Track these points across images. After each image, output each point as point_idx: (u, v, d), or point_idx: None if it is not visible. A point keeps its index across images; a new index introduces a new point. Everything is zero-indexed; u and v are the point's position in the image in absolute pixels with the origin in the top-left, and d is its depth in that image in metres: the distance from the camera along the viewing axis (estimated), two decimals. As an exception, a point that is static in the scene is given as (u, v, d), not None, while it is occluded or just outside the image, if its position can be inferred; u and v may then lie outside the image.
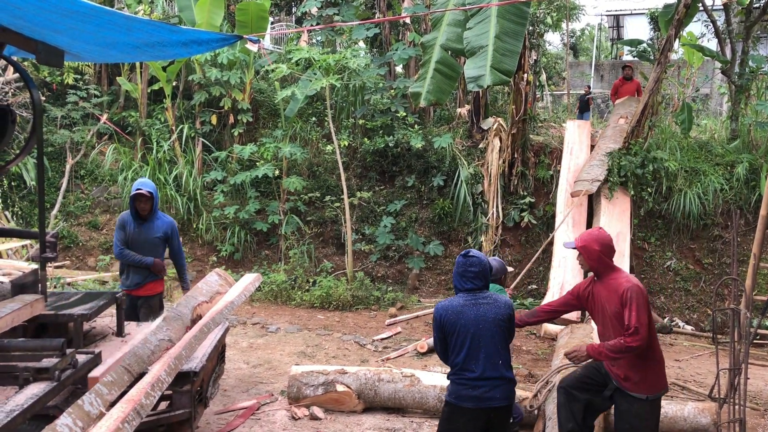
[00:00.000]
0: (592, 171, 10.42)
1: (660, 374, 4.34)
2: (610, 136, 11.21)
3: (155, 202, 6.05)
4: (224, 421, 5.77)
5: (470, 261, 4.02)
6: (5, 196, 11.82)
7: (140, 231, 6.03)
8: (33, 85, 4.78)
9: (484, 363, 3.91)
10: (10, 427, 3.04)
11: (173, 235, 6.20)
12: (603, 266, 4.33)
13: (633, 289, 4.09)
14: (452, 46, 8.21)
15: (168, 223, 6.18)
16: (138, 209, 6.00)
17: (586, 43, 32.17)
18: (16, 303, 4.32)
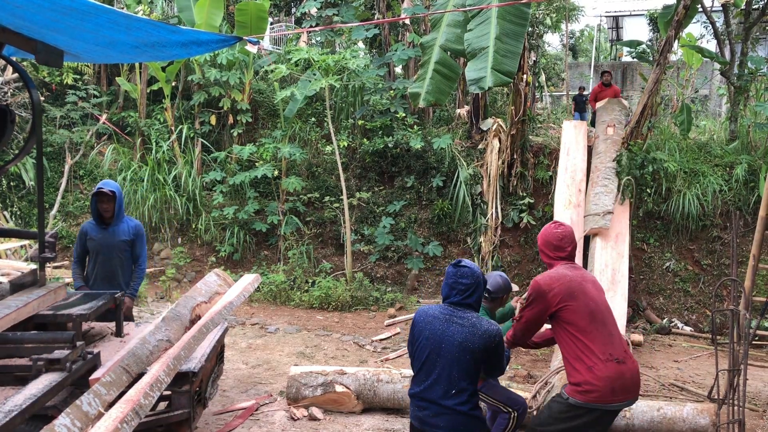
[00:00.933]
0: (599, 201, 9.52)
1: (582, 379, 3.69)
2: (604, 151, 10.45)
3: (119, 203, 5.64)
4: (223, 422, 5.77)
5: (461, 272, 3.61)
6: (4, 196, 11.81)
7: (105, 236, 5.65)
8: (32, 85, 4.78)
9: (434, 385, 3.50)
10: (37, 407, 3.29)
11: (137, 239, 5.78)
12: (545, 263, 4.05)
13: (531, 284, 3.87)
14: (452, 46, 8.22)
15: (134, 226, 5.79)
16: (100, 210, 5.63)
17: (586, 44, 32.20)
18: (42, 290, 4.63)
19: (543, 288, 3.76)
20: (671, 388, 7.13)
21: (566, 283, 3.75)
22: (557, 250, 3.90)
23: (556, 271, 3.84)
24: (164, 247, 11.71)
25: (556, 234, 3.94)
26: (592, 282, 3.90)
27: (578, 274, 3.85)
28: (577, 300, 3.72)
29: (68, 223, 11.95)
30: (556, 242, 3.91)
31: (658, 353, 8.49)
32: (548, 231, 3.96)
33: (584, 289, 3.77)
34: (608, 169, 10.02)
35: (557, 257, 3.91)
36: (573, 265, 3.91)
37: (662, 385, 7.18)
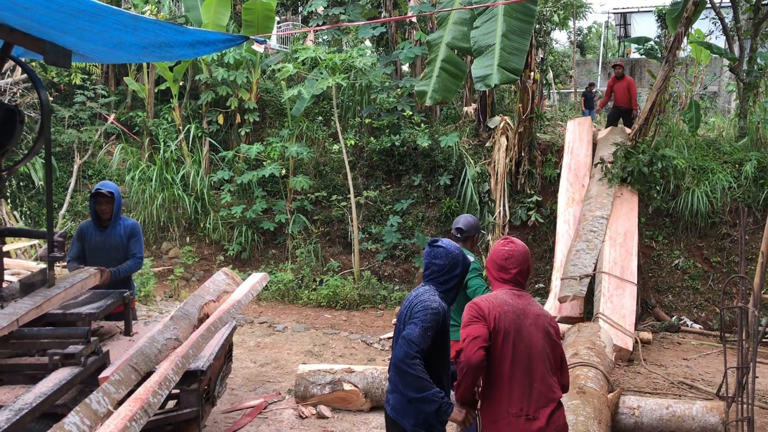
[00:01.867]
0: (579, 260, 8.64)
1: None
2: (596, 196, 9.69)
3: (117, 205, 5.51)
4: (232, 420, 5.79)
5: (435, 252, 3.50)
6: (14, 196, 11.88)
7: (103, 239, 5.53)
8: (41, 85, 4.81)
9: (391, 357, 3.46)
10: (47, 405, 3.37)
11: (134, 237, 5.61)
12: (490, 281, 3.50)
13: (468, 307, 3.32)
14: (458, 44, 8.21)
15: (129, 226, 5.64)
16: (98, 211, 5.51)
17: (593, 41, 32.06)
18: (84, 273, 4.95)
19: (483, 309, 3.21)
20: (680, 386, 7.11)
21: (503, 315, 3.21)
22: (501, 271, 3.35)
23: (496, 296, 3.30)
24: (172, 247, 11.75)
25: (502, 252, 3.37)
26: (534, 318, 3.29)
27: (520, 306, 3.28)
28: (506, 339, 3.18)
29: (77, 222, 11.99)
30: (501, 261, 3.35)
31: (667, 351, 8.46)
32: (496, 248, 3.42)
33: (519, 327, 3.21)
34: (596, 219, 9.24)
35: (500, 279, 3.36)
36: (518, 293, 3.34)
37: (671, 383, 7.16)
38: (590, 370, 5.76)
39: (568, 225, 9.84)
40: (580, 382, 5.50)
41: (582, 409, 5.06)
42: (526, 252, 3.38)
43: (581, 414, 4.98)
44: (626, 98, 12.82)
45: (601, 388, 5.53)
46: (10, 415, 3.13)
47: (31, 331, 4.00)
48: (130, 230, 5.58)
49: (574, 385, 5.48)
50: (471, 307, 3.26)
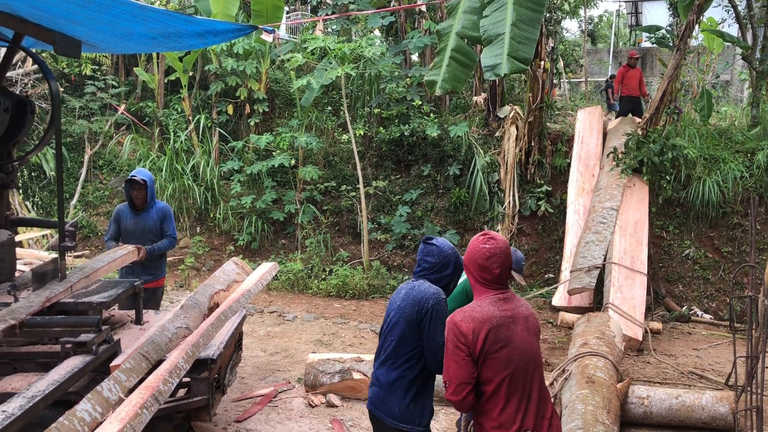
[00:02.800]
0: (588, 252, 8.60)
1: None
2: (605, 187, 9.59)
3: (150, 191, 5.97)
4: (242, 409, 5.83)
5: (428, 249, 3.44)
6: (25, 186, 11.97)
7: (137, 221, 5.97)
8: (51, 76, 4.83)
9: (377, 354, 3.45)
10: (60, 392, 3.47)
11: (166, 220, 6.10)
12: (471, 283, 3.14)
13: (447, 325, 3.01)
14: (468, 33, 8.15)
15: (161, 208, 6.10)
16: (132, 197, 5.96)
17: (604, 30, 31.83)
18: (123, 249, 5.31)
19: (464, 331, 2.89)
20: (690, 376, 7.09)
21: (493, 329, 2.90)
22: (483, 271, 3.00)
23: (479, 308, 2.96)
24: (183, 236, 11.81)
25: (482, 251, 3.00)
26: (525, 320, 3.02)
27: (508, 312, 2.98)
28: (500, 355, 2.90)
29: (88, 212, 12.08)
30: (482, 261, 2.99)
31: (677, 341, 8.44)
32: (474, 245, 3.05)
33: (512, 336, 2.93)
34: (606, 210, 9.17)
35: (483, 280, 3.01)
36: (503, 296, 3.02)
37: (681, 373, 7.14)
38: (599, 359, 5.76)
39: (578, 215, 9.81)
40: (589, 372, 5.50)
41: (591, 398, 5.06)
42: (507, 247, 3.06)
43: (590, 403, 4.99)
44: (638, 87, 12.73)
45: (611, 378, 5.53)
46: (23, 402, 3.17)
47: (44, 319, 4.05)
48: (163, 213, 6.06)
49: (583, 374, 5.48)
50: (451, 328, 2.93)
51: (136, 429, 3.19)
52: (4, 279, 4.62)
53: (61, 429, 2.95)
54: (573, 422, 4.81)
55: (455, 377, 2.90)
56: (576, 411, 4.95)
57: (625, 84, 12.82)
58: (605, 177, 9.79)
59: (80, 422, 3.06)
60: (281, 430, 5.46)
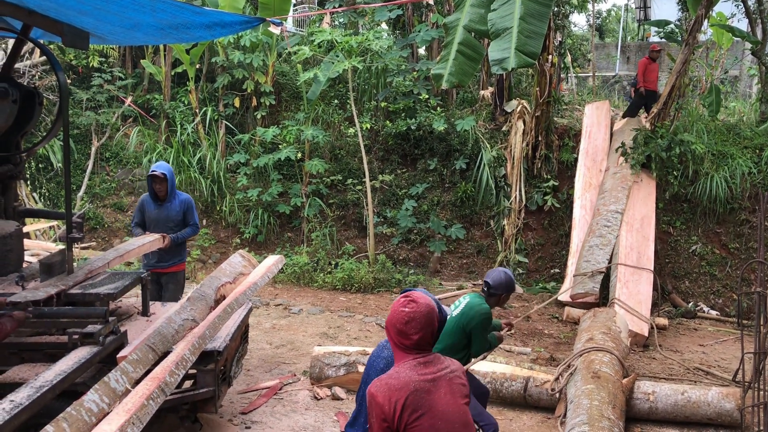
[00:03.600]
0: (592, 256, 8.56)
1: None
2: (611, 189, 9.50)
3: (171, 183, 6.33)
4: (247, 401, 5.85)
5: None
6: (33, 178, 12.01)
7: (159, 212, 6.35)
8: (59, 68, 4.84)
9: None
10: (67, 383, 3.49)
11: (189, 210, 6.47)
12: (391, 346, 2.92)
13: (367, 396, 2.76)
14: (475, 27, 8.12)
15: (183, 200, 6.47)
16: (155, 190, 6.31)
17: (613, 24, 31.65)
18: (150, 237, 5.78)
19: (380, 402, 2.66)
20: (696, 372, 7.08)
21: (411, 397, 2.66)
22: (401, 336, 2.77)
23: (397, 375, 2.72)
24: (189, 229, 11.82)
25: (401, 316, 2.77)
26: (448, 384, 2.77)
27: (428, 375, 2.74)
28: (421, 419, 2.67)
29: (95, 204, 12.11)
30: (400, 326, 2.76)
31: (683, 337, 8.42)
32: (394, 308, 2.84)
33: (433, 402, 2.70)
34: (611, 213, 9.06)
35: (402, 346, 2.78)
36: (423, 359, 2.77)
37: (687, 369, 7.13)
38: (605, 355, 5.75)
39: (584, 210, 9.79)
40: (595, 367, 5.49)
41: (597, 393, 5.06)
42: (430, 311, 2.79)
43: (596, 399, 4.99)
44: (656, 81, 12.59)
45: (616, 373, 5.52)
46: (31, 392, 3.19)
47: (51, 310, 4.07)
48: (186, 204, 6.44)
49: (589, 369, 5.48)
50: (369, 400, 2.72)
51: (142, 420, 3.21)
52: (12, 270, 4.64)
53: (69, 419, 2.96)
54: (578, 417, 4.81)
55: None
56: (581, 406, 4.95)
57: (646, 77, 12.65)
58: (610, 179, 9.69)
59: (87, 412, 3.08)
60: (287, 422, 5.47)
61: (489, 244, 11.14)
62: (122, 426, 3.02)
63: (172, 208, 6.38)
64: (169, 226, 6.34)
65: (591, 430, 4.59)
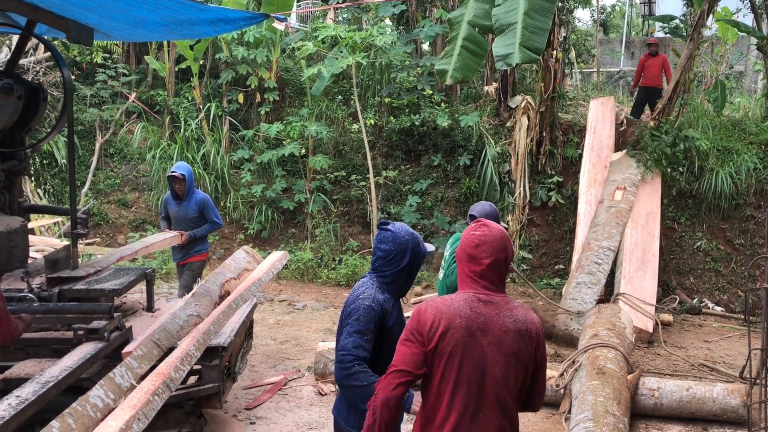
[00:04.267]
0: (579, 294, 8.06)
1: None
2: (604, 224, 9.02)
3: (189, 183, 6.71)
4: (252, 396, 5.86)
5: (382, 236, 3.09)
6: (37, 174, 12.03)
7: (179, 209, 6.78)
8: (64, 63, 4.84)
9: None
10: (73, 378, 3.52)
11: (206, 209, 6.82)
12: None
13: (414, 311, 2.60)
14: (480, 22, 8.10)
15: (200, 199, 6.82)
16: (175, 189, 6.73)
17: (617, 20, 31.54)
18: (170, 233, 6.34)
19: (422, 320, 2.50)
20: (701, 368, 7.07)
21: (452, 330, 2.46)
22: (471, 262, 2.57)
23: (450, 301, 2.53)
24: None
25: (472, 239, 2.59)
26: (499, 335, 2.49)
27: (481, 319, 2.49)
28: (450, 361, 2.47)
29: (99, 200, 12.13)
30: (470, 250, 2.57)
31: (688, 333, 8.40)
32: (466, 233, 2.64)
33: (469, 347, 2.46)
34: (603, 249, 8.65)
35: (470, 273, 2.57)
36: (486, 297, 2.54)
37: (692, 365, 7.12)
38: (610, 351, 5.74)
39: (589, 206, 9.76)
40: (599, 363, 5.49)
41: (601, 389, 5.06)
42: (503, 237, 2.59)
43: (600, 395, 4.98)
44: (658, 76, 12.48)
45: (621, 369, 5.51)
46: (36, 388, 3.20)
47: (56, 306, 4.08)
48: (202, 203, 6.80)
49: (594, 365, 5.47)
50: (414, 314, 2.56)
51: (147, 415, 3.21)
52: (17, 265, 4.65)
53: (74, 414, 2.97)
54: (583, 413, 4.81)
55: (400, 361, 2.50)
56: (586, 402, 4.95)
57: (645, 74, 12.57)
58: (604, 213, 9.25)
59: (93, 408, 3.09)
60: (291, 417, 5.48)
61: (493, 240, 11.12)
62: (128, 421, 3.03)
63: (189, 207, 6.76)
64: (187, 224, 6.76)
65: (596, 425, 4.59)
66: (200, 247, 6.98)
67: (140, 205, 12.24)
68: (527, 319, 2.56)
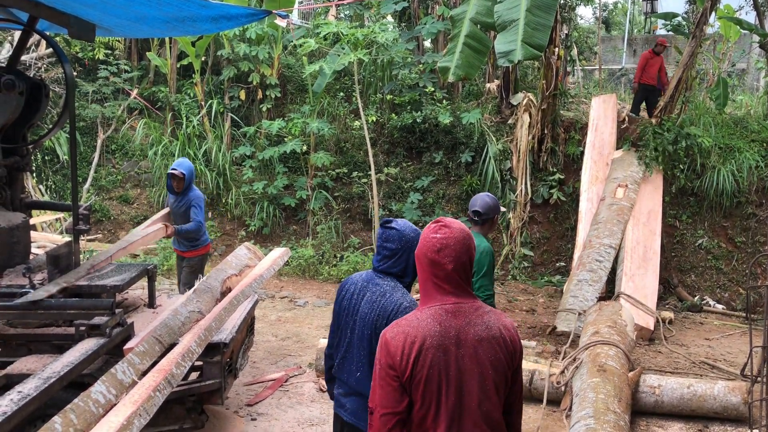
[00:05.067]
0: (580, 292, 8.02)
1: None
2: (605, 221, 8.99)
3: (188, 181, 6.82)
4: (253, 393, 5.87)
5: (387, 234, 3.01)
6: (39, 170, 12.03)
7: (176, 203, 6.90)
8: (66, 59, 4.84)
9: (344, 362, 3.08)
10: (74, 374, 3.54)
11: (191, 207, 6.88)
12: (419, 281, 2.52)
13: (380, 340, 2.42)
14: (482, 19, 8.09)
15: (191, 197, 6.89)
16: (173, 185, 6.85)
17: (619, 17, 31.48)
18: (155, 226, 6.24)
19: (392, 350, 2.30)
20: (702, 365, 7.07)
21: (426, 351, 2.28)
22: (434, 267, 2.35)
23: (417, 321, 2.33)
24: (195, 221, 11.85)
25: (433, 242, 2.37)
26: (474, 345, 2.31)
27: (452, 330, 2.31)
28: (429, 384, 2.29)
29: (101, 197, 12.14)
30: (432, 254, 2.35)
31: (689, 331, 8.40)
32: (424, 236, 2.42)
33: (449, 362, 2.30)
34: (604, 247, 8.61)
35: (433, 279, 2.37)
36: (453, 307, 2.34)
37: (693, 363, 7.12)
38: (611, 348, 5.75)
39: (591, 203, 9.76)
40: (601, 360, 5.49)
41: (602, 387, 5.06)
42: (466, 237, 2.38)
43: (601, 392, 4.98)
44: (656, 75, 12.44)
45: (622, 367, 5.52)
46: (38, 383, 3.21)
47: (58, 302, 4.09)
48: (191, 202, 6.88)
49: (595, 363, 5.47)
50: (381, 345, 2.36)
51: (149, 411, 3.22)
52: (19, 261, 4.66)
53: (76, 410, 2.97)
54: (584, 410, 4.81)
55: (380, 404, 2.31)
56: (587, 399, 4.95)
57: (646, 70, 12.50)
58: (605, 210, 9.25)
59: (95, 404, 3.09)
60: (292, 414, 5.49)
61: (494, 237, 11.12)
62: (129, 417, 3.03)
63: (183, 203, 6.88)
64: (180, 217, 6.88)
65: (596, 423, 4.59)
66: (197, 242, 7.03)
67: (142, 201, 12.24)
68: (500, 325, 2.38)
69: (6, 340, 4.12)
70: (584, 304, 7.81)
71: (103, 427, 2.94)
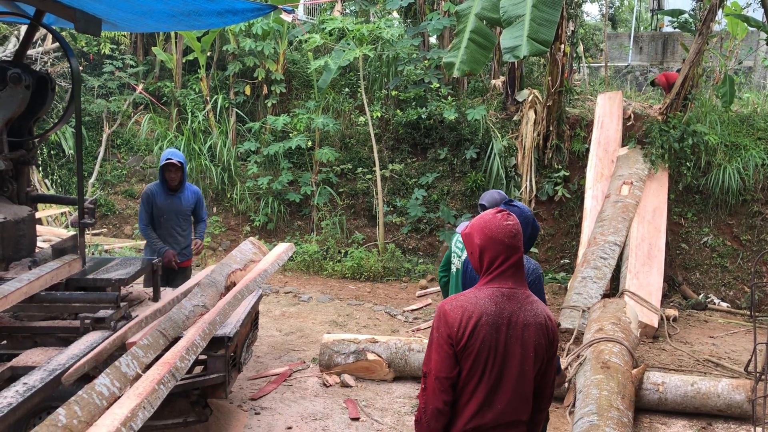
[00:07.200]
0: (584, 289, 7.98)
1: None
2: (610, 218, 8.93)
3: (184, 172, 6.27)
4: (257, 387, 5.89)
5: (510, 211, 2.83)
6: (45, 164, 12.07)
7: (170, 202, 6.25)
8: (72, 54, 4.85)
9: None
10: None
11: (198, 204, 6.50)
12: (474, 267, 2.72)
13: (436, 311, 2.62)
14: (488, 15, 8.07)
15: (196, 191, 6.50)
16: (168, 179, 6.18)
17: (625, 14, 31.36)
18: (56, 263, 4.80)
19: (450, 322, 2.52)
20: (706, 363, 7.05)
21: (480, 327, 2.50)
22: (508, 250, 2.56)
23: (475, 299, 2.55)
24: (199, 216, 11.87)
25: (508, 229, 2.57)
26: (521, 329, 2.55)
27: (505, 314, 2.54)
28: (477, 359, 2.51)
29: (106, 191, 12.17)
30: (509, 240, 2.56)
31: (693, 329, 8.39)
32: (495, 223, 2.58)
33: (496, 344, 2.52)
34: (609, 244, 8.57)
35: (502, 263, 2.58)
36: (509, 291, 2.57)
37: (697, 361, 7.10)
38: (615, 345, 5.74)
39: (596, 200, 9.74)
40: (604, 357, 5.49)
41: (606, 383, 5.06)
42: (520, 228, 2.66)
43: (605, 389, 4.98)
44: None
45: (626, 364, 5.51)
46: (43, 375, 3.22)
47: (63, 295, 4.11)
48: (197, 196, 6.45)
49: (598, 359, 5.47)
50: (439, 315, 2.58)
51: (153, 404, 3.23)
52: (24, 254, 4.67)
53: (80, 402, 2.99)
54: (587, 407, 4.82)
55: (435, 369, 2.54)
56: (590, 396, 4.95)
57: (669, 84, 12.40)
58: (610, 207, 9.20)
59: (99, 396, 3.11)
60: (296, 408, 5.50)
61: (499, 234, 11.12)
62: (133, 410, 3.05)
63: (185, 198, 6.34)
64: (180, 217, 6.32)
65: (600, 419, 4.59)
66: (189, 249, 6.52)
67: (147, 196, 12.27)
68: (546, 314, 2.63)
69: (11, 333, 4.14)
70: (588, 301, 7.79)
71: (107, 419, 2.96)
